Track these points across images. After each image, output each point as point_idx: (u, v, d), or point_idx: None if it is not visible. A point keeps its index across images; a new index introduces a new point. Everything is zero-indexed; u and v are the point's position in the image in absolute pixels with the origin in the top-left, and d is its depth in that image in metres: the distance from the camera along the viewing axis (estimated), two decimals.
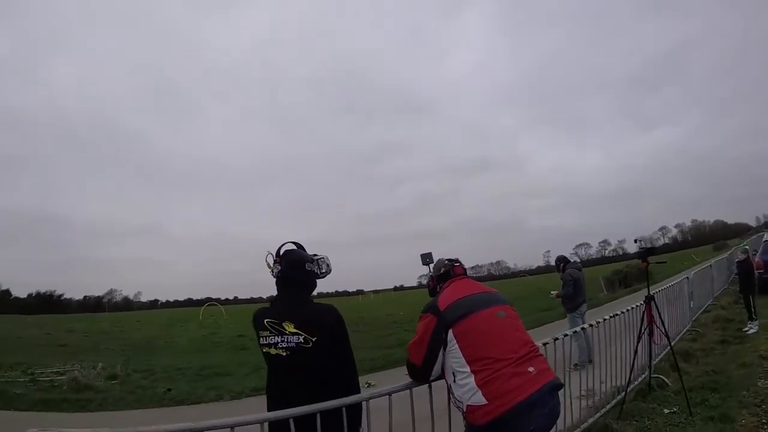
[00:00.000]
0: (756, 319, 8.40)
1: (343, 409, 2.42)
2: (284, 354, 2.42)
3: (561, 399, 2.48)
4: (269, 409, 2.46)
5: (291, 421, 2.29)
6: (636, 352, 4.98)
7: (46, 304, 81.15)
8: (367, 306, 43.02)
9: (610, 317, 5.10)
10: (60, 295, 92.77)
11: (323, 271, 2.77)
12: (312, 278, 2.69)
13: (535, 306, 19.30)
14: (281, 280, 2.61)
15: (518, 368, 2.30)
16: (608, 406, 4.81)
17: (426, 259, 3.14)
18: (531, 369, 2.32)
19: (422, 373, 2.60)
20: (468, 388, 2.32)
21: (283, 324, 2.44)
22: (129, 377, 10.86)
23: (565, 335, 4.24)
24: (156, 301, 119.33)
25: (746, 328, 8.30)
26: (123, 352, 16.74)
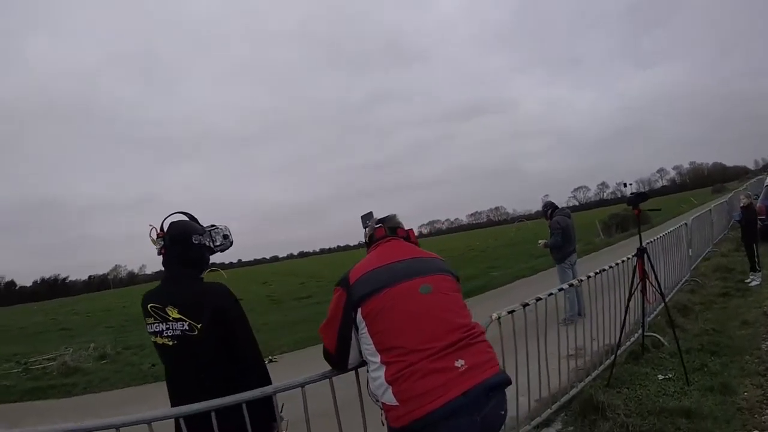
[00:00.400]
0: (759, 270, 7.87)
1: (243, 405, 2.06)
2: (170, 343, 2.09)
3: (551, 360, 2.14)
4: (171, 405, 2.16)
5: (181, 421, 2.01)
6: (627, 308, 4.51)
7: (52, 289, 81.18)
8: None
9: (600, 272, 4.67)
10: (65, 279, 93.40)
11: (218, 244, 2.36)
12: (201, 253, 2.28)
13: (530, 252, 18.92)
14: (165, 257, 2.24)
15: (439, 362, 1.79)
16: (597, 371, 4.42)
17: (366, 221, 2.52)
18: (459, 363, 1.80)
19: (337, 360, 2.16)
20: (379, 383, 1.86)
21: (167, 309, 2.09)
22: (119, 355, 10.76)
23: (551, 294, 3.89)
24: (161, 271, 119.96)
25: (748, 280, 7.77)
26: (122, 328, 16.75)
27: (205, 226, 2.35)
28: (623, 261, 4.96)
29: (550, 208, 7.80)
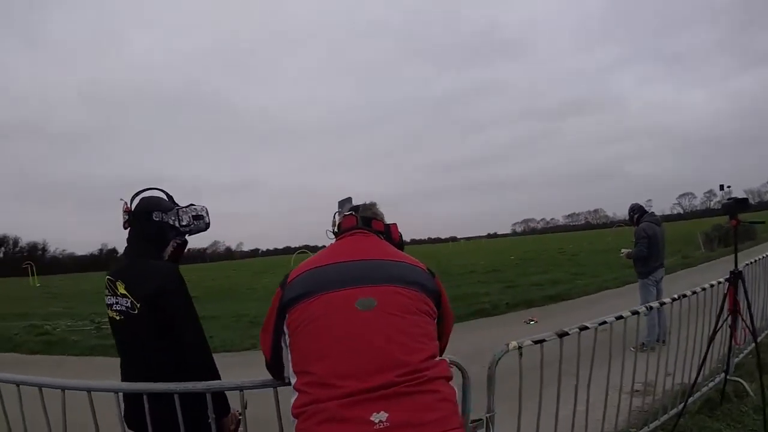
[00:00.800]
0: None
1: (175, 396, 1.91)
2: (117, 318, 2.10)
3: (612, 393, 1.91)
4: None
5: (119, 396, 2.03)
6: (711, 344, 3.61)
7: None
8: (452, 253, 41.90)
9: (681, 297, 3.75)
10: None
11: (184, 223, 2.26)
12: (161, 231, 2.21)
13: (623, 261, 17.33)
14: (129, 232, 2.22)
15: (351, 409, 1.29)
16: (660, 420, 3.58)
17: (341, 207, 2.08)
18: (378, 417, 1.27)
19: (274, 372, 1.78)
20: (292, 406, 1.44)
21: (116, 283, 2.09)
22: None
23: (619, 317, 3.19)
24: (257, 249, 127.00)
25: None
26: (199, 300, 17.32)
27: (183, 205, 2.29)
28: (712, 285, 3.97)
29: (636, 213, 6.73)
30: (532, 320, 8.62)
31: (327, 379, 1.35)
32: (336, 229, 1.90)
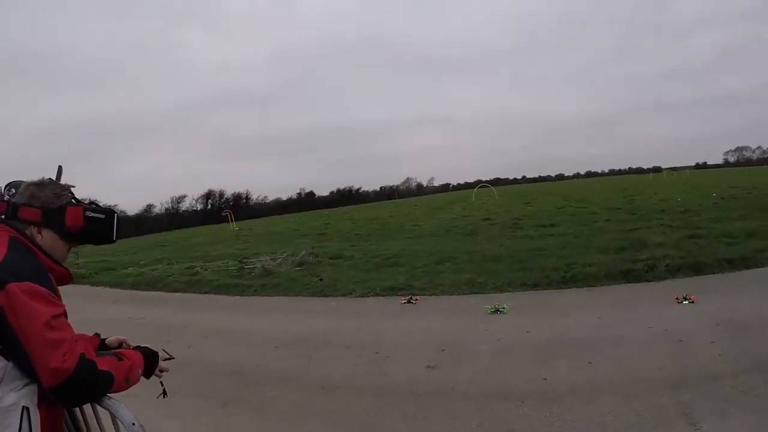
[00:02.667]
0: None
1: None
2: None
3: None
4: None
5: None
6: None
7: (347, 198, 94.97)
8: (650, 186, 37.04)
9: None
10: (358, 189, 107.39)
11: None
12: None
13: None
14: None
15: None
16: None
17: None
18: None
19: None
20: None
21: None
22: (318, 264, 11.10)
23: None
24: (447, 184, 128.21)
25: None
26: (357, 237, 17.82)
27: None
28: None
29: None
30: (687, 298, 6.27)
31: None
32: None
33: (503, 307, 6.65)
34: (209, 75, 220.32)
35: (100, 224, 1.84)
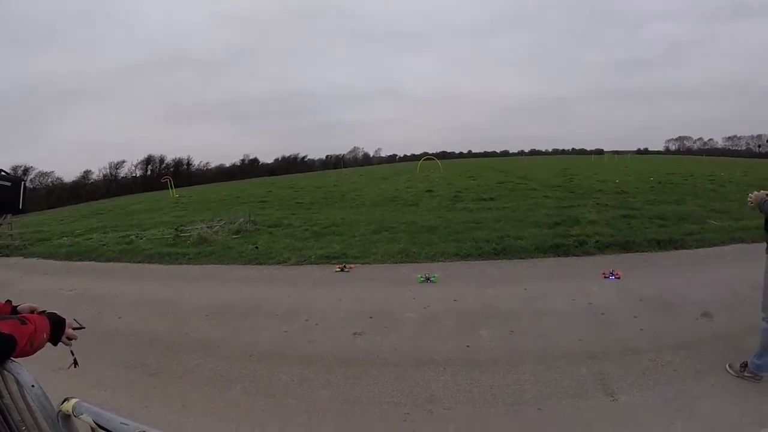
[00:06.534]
0: None
1: None
2: None
3: None
4: None
5: None
6: None
7: (292, 165, 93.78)
8: (591, 167, 38.39)
9: None
10: (303, 157, 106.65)
11: None
12: None
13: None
14: None
15: None
16: None
17: None
18: None
19: None
20: None
21: None
22: (256, 232, 11.00)
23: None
24: (394, 155, 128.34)
25: None
26: (298, 205, 17.70)
27: None
28: None
29: None
30: (614, 274, 6.60)
31: None
32: None
33: (433, 277, 6.84)
34: (153, 35, 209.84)
35: (7, 192, 1.79)
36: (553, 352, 4.37)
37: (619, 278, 6.51)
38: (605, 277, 6.55)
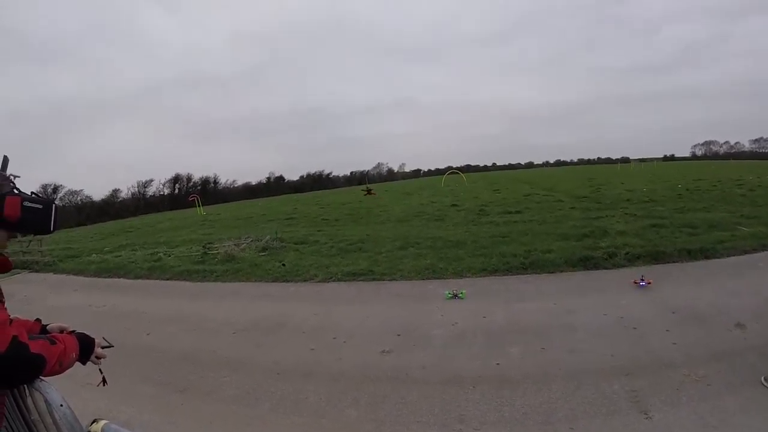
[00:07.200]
0: None
1: None
2: None
3: None
4: None
5: None
6: None
7: (317, 182, 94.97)
8: (618, 176, 37.88)
9: None
10: (328, 174, 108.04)
11: None
12: None
13: None
14: None
15: None
16: None
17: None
18: None
19: None
20: None
21: None
22: (283, 249, 11.05)
23: None
24: (418, 170, 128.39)
25: None
26: (324, 222, 17.77)
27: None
28: None
29: None
30: (644, 281, 6.49)
31: None
32: None
33: (461, 292, 6.73)
34: (176, 56, 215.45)
35: (38, 214, 1.81)
36: (584, 369, 4.24)
37: (650, 284, 6.39)
38: (636, 284, 6.45)
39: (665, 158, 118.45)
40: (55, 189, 65.10)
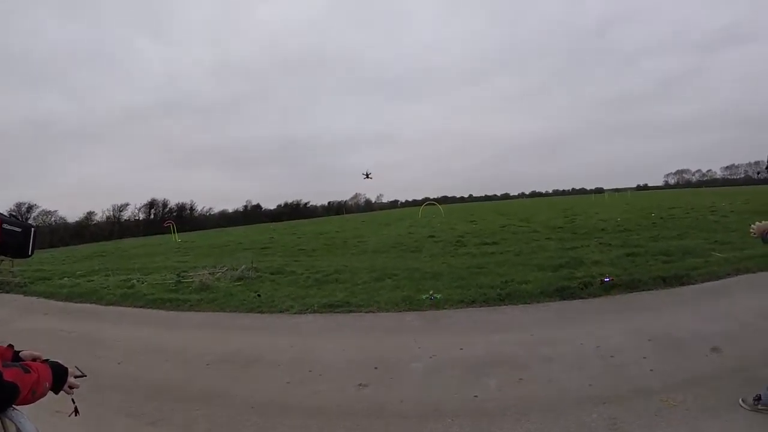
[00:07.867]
0: None
1: None
2: None
3: None
4: None
5: None
6: None
7: (295, 211, 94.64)
8: (592, 206, 38.62)
9: None
10: (306, 203, 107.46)
11: None
12: None
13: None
14: None
15: None
16: None
17: None
18: None
19: None
20: None
21: None
22: (258, 279, 10.95)
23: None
24: (396, 201, 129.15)
25: None
26: (300, 252, 17.67)
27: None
28: None
29: None
30: (608, 278, 7.02)
31: None
32: None
33: (436, 296, 6.80)
34: (158, 83, 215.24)
35: (17, 238, 1.80)
36: (563, 399, 4.26)
37: (612, 281, 7.19)
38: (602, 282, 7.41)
39: (638, 188, 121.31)
40: (30, 208, 63.89)
